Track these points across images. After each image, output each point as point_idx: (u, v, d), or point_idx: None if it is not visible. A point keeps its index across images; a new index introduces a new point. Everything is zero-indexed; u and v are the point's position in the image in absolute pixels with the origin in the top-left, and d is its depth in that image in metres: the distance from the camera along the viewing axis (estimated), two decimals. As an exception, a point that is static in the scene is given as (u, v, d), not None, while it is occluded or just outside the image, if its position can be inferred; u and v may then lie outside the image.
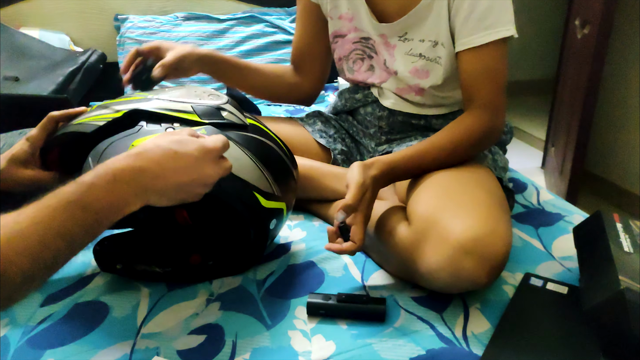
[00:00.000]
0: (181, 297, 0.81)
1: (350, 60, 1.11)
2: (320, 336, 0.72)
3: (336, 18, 1.08)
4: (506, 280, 0.83)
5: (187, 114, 0.77)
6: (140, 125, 0.76)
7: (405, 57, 1.01)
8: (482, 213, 0.74)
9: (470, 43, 0.90)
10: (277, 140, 0.87)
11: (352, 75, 1.13)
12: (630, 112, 2.08)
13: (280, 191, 0.81)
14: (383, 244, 0.83)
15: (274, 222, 0.81)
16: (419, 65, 1.00)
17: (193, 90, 0.84)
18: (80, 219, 0.57)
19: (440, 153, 0.87)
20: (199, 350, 0.70)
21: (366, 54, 1.08)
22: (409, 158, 0.86)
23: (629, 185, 2.13)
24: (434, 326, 0.74)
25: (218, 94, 0.84)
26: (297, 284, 0.84)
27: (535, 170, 2.54)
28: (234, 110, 0.82)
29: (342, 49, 1.11)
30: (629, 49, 2.05)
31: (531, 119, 3.06)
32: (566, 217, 1.02)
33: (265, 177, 0.79)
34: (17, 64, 1.64)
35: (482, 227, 0.71)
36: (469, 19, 0.90)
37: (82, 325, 0.75)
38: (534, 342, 0.69)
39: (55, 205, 0.55)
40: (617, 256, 0.68)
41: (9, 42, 1.70)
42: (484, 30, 0.89)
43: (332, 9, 1.08)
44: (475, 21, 0.89)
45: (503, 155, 1.06)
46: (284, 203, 0.83)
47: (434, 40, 0.97)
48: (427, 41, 0.98)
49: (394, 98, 1.08)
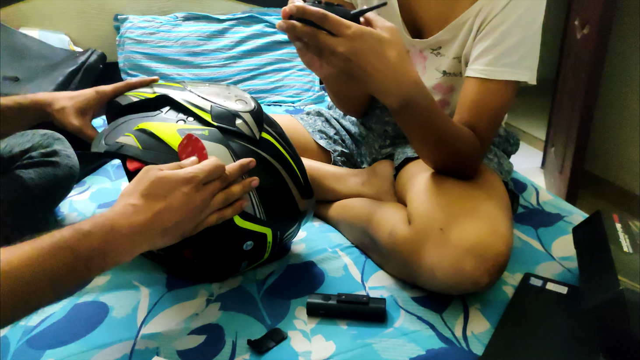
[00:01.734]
0: (181, 297, 0.81)
1: None
2: (320, 336, 0.73)
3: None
4: (506, 281, 0.83)
5: (203, 112, 0.78)
6: (160, 111, 0.80)
7: (433, 72, 0.98)
8: (483, 213, 0.74)
9: (483, 73, 0.85)
10: (292, 165, 0.83)
11: None
12: (630, 113, 2.08)
13: (268, 217, 0.78)
14: (383, 244, 0.83)
15: (249, 244, 0.78)
16: (442, 81, 0.97)
17: (227, 90, 0.84)
18: (71, 266, 0.57)
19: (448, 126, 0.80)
20: (199, 350, 0.70)
21: None
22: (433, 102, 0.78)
23: (629, 185, 2.13)
24: (434, 326, 0.74)
25: (247, 100, 0.83)
26: (297, 284, 0.84)
27: (535, 170, 2.54)
28: (250, 121, 0.80)
29: None
30: (629, 49, 2.05)
31: (531, 119, 3.06)
32: (566, 218, 1.02)
33: (250, 197, 0.76)
34: (17, 64, 1.64)
35: (483, 228, 0.71)
36: (493, 50, 0.84)
37: (82, 325, 0.75)
38: (534, 342, 0.69)
39: (49, 249, 0.55)
40: (616, 256, 0.68)
41: (9, 42, 1.70)
42: (502, 66, 0.84)
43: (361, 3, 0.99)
44: (498, 54, 0.84)
45: (508, 159, 1.06)
46: (269, 229, 0.79)
47: (459, 57, 0.94)
48: (452, 58, 0.94)
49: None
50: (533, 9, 0.83)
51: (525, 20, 0.83)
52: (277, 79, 1.89)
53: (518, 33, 0.83)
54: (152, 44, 1.88)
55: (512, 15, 0.83)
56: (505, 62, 0.84)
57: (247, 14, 1.98)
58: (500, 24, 0.84)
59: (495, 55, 0.84)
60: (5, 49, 1.65)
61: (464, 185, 0.82)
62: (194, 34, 1.90)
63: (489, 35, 0.85)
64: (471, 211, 0.74)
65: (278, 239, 0.82)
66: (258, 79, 1.88)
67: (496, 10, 0.84)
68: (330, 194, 1.02)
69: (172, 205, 0.64)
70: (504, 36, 0.84)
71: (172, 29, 1.91)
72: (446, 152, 0.82)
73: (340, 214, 0.99)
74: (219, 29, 1.92)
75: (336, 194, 1.01)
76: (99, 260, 0.60)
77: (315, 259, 0.90)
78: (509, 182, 0.97)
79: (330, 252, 0.92)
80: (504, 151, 1.07)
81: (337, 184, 1.01)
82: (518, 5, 0.83)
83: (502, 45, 0.84)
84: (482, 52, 0.86)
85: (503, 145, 1.07)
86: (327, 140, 1.15)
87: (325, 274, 0.86)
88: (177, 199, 0.64)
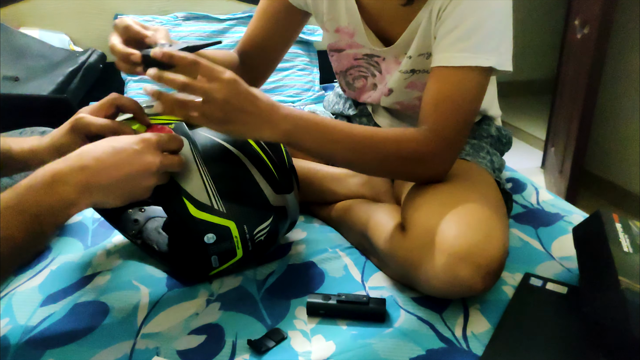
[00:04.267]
0: (181, 297, 0.81)
1: (349, 76, 1.04)
2: (320, 336, 0.73)
3: (332, 31, 0.99)
4: (506, 281, 0.83)
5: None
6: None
7: (398, 74, 0.94)
8: (476, 219, 0.73)
9: (443, 60, 0.79)
10: (262, 157, 0.82)
11: (352, 92, 1.08)
12: (630, 112, 2.08)
13: (227, 209, 0.78)
14: (380, 250, 0.83)
15: (210, 237, 0.78)
16: (414, 78, 0.94)
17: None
18: (21, 223, 0.57)
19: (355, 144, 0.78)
20: (199, 350, 0.70)
21: (369, 72, 1.01)
22: (320, 124, 0.77)
23: (629, 185, 2.13)
24: (434, 326, 0.74)
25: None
26: (297, 284, 0.84)
27: (535, 170, 2.54)
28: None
29: (339, 63, 1.04)
30: (629, 49, 2.05)
31: (531, 119, 3.06)
32: (566, 217, 1.02)
33: (206, 186, 0.76)
34: (17, 64, 1.64)
35: (477, 234, 0.71)
36: (450, 35, 0.79)
37: (82, 325, 0.75)
38: (534, 342, 0.69)
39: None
40: (616, 256, 0.68)
41: (9, 42, 1.70)
42: (460, 51, 0.77)
43: (328, 21, 0.98)
44: (456, 38, 0.78)
45: (500, 157, 1.05)
46: (232, 222, 0.78)
47: (426, 53, 0.89)
48: (417, 55, 0.90)
49: (390, 119, 1.06)
50: None
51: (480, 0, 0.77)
52: (277, 79, 1.88)
53: (474, 14, 0.77)
54: (152, 43, 1.88)
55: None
56: (462, 46, 0.77)
57: (247, 14, 1.98)
58: (454, 8, 0.78)
59: (452, 40, 0.78)
60: (5, 49, 1.65)
61: (457, 188, 0.81)
62: (194, 34, 1.90)
63: (445, 22, 0.80)
64: (464, 217, 0.73)
65: (247, 234, 0.80)
66: (258, 79, 1.88)
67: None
68: (329, 196, 1.02)
69: (121, 157, 0.65)
70: (459, 20, 0.78)
71: (172, 29, 1.90)
72: (369, 160, 0.79)
73: (341, 216, 0.99)
74: (219, 29, 1.92)
75: (335, 195, 1.01)
76: (47, 216, 0.59)
77: (315, 259, 0.90)
78: (502, 181, 0.96)
79: (331, 252, 0.92)
80: (496, 150, 1.05)
81: (336, 185, 1.01)
82: None
83: (459, 29, 0.78)
84: (439, 40, 0.81)
85: (495, 146, 1.06)
86: None
87: (325, 274, 0.86)
88: (127, 154, 0.65)
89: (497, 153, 1.03)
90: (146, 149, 0.67)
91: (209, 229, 0.77)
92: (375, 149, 0.78)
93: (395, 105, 1.02)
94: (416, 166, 0.80)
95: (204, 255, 0.79)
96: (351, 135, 0.78)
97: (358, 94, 1.07)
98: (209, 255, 0.79)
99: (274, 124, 0.73)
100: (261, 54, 1.04)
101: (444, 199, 0.78)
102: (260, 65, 1.07)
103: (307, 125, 0.76)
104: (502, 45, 0.80)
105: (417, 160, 0.80)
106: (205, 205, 0.76)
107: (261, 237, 0.82)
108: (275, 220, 0.84)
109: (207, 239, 0.78)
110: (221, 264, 0.81)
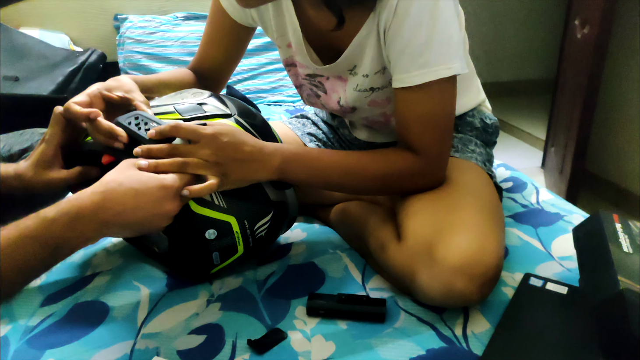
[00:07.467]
0: (181, 298, 0.81)
1: (304, 92, 1.03)
2: (320, 336, 0.73)
3: (284, 46, 0.96)
4: (506, 281, 0.83)
5: (171, 115, 0.82)
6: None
7: (356, 94, 0.91)
8: (471, 226, 0.73)
9: (404, 81, 0.78)
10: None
11: (313, 106, 1.08)
12: (630, 112, 2.08)
13: (228, 204, 0.78)
14: (376, 257, 0.83)
15: (211, 233, 0.78)
16: (375, 96, 0.91)
17: (178, 95, 0.89)
18: (39, 254, 0.59)
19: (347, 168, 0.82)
20: (199, 350, 0.70)
21: (313, 92, 1.00)
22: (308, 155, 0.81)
23: (629, 185, 2.13)
24: (434, 326, 0.74)
25: (201, 92, 0.88)
26: (298, 285, 0.84)
27: (535, 170, 2.54)
28: (216, 103, 0.85)
29: (295, 78, 1.02)
30: (629, 49, 2.05)
31: (531, 119, 3.06)
32: (566, 217, 1.02)
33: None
34: (17, 63, 1.64)
35: (472, 243, 0.70)
36: (404, 54, 0.77)
37: (82, 325, 0.75)
38: (534, 342, 0.69)
39: (16, 240, 0.57)
40: (616, 256, 0.68)
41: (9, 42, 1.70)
42: (418, 68, 0.76)
43: (278, 38, 0.96)
44: (410, 57, 0.76)
45: (487, 148, 1.03)
46: (233, 218, 0.79)
47: (381, 69, 0.86)
48: (374, 74, 0.87)
49: (368, 131, 1.06)
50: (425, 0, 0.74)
51: (423, 12, 0.74)
52: (277, 78, 1.89)
53: (421, 27, 0.75)
54: (152, 43, 1.88)
55: (406, 14, 0.75)
56: (420, 62, 0.76)
57: (247, 14, 1.98)
58: (399, 27, 0.76)
59: (408, 59, 0.77)
60: (5, 49, 1.66)
61: (450, 193, 0.81)
62: (194, 34, 1.90)
63: (394, 43, 0.78)
64: (459, 225, 0.73)
65: (248, 229, 0.81)
66: (257, 79, 1.88)
67: (389, 14, 0.76)
68: (327, 198, 1.02)
69: (141, 202, 0.66)
70: (408, 37, 0.76)
71: (172, 29, 1.91)
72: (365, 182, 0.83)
73: (340, 219, 0.99)
74: (219, 29, 1.92)
75: (333, 198, 1.01)
76: (64, 249, 0.62)
77: (315, 260, 0.90)
78: (493, 174, 0.95)
79: (331, 253, 0.92)
80: (483, 141, 1.03)
81: None
82: (406, 3, 0.74)
83: (411, 47, 0.76)
84: (395, 60, 0.79)
85: (482, 137, 1.03)
86: (317, 143, 1.13)
87: (325, 274, 0.86)
88: (147, 200, 0.67)
89: (484, 145, 1.02)
90: (167, 197, 0.69)
91: (210, 225, 0.78)
92: (367, 172, 0.82)
93: (362, 120, 1.02)
94: (412, 180, 0.83)
95: (205, 252, 0.79)
96: (340, 160, 0.82)
97: (320, 108, 1.08)
98: (210, 251, 0.79)
99: (264, 162, 0.77)
100: (213, 69, 1.07)
101: (438, 205, 0.78)
102: (213, 79, 1.09)
103: (295, 157, 0.80)
104: (454, 49, 0.78)
105: (411, 176, 0.82)
106: (205, 200, 0.77)
107: (262, 232, 0.83)
108: (276, 215, 0.84)
109: (209, 235, 0.78)
110: (222, 261, 0.81)
